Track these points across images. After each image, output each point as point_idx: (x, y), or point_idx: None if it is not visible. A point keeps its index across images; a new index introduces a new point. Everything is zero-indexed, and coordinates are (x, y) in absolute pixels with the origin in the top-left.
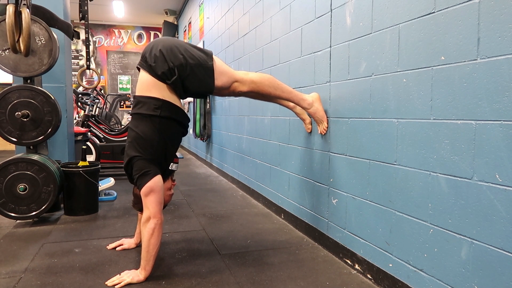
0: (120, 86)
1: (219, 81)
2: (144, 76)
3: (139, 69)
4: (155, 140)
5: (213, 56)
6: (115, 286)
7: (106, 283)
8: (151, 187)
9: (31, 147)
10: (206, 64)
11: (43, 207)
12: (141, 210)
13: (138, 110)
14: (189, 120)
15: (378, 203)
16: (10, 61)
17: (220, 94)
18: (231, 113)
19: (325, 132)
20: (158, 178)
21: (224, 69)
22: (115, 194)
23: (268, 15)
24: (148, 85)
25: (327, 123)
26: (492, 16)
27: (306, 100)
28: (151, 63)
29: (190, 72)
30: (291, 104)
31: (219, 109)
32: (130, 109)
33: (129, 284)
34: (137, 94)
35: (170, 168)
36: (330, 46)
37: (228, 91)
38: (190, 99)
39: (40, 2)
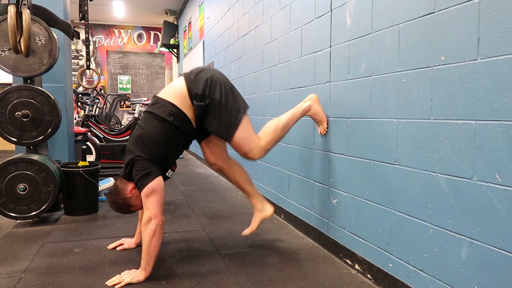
0: (120, 86)
1: (238, 137)
2: (179, 83)
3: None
4: (160, 143)
5: (246, 113)
6: (115, 286)
7: (106, 283)
8: (153, 187)
9: (31, 147)
10: (236, 114)
11: (43, 207)
12: (116, 209)
13: (153, 110)
14: (194, 138)
15: (378, 203)
16: (10, 61)
17: (232, 146)
18: None
19: (325, 132)
20: (160, 179)
21: (248, 133)
22: None
23: (268, 15)
24: (177, 92)
25: (327, 124)
26: (492, 16)
27: (305, 108)
28: (194, 78)
29: (217, 111)
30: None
31: None
32: (130, 109)
33: (129, 284)
34: (159, 95)
35: (167, 174)
36: (330, 46)
37: (240, 152)
38: None
39: (40, 2)
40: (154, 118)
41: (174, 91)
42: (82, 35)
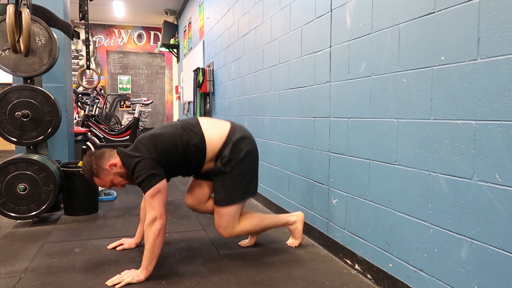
0: (120, 86)
1: (225, 211)
2: (222, 131)
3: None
4: (170, 154)
5: (244, 200)
6: (115, 286)
7: (106, 283)
8: (159, 188)
9: (31, 147)
10: (241, 194)
11: (43, 207)
12: (84, 170)
13: (186, 128)
14: (191, 175)
15: (378, 203)
16: (10, 61)
17: (215, 212)
18: (231, 113)
19: (294, 246)
20: (165, 181)
21: (235, 214)
22: (115, 194)
23: (268, 15)
24: (214, 135)
25: (301, 239)
26: (492, 16)
27: (290, 222)
28: (235, 140)
29: (228, 180)
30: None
31: (219, 109)
32: (130, 109)
33: (129, 284)
34: (201, 122)
35: None
36: (330, 46)
37: (217, 221)
38: (190, 98)
39: (40, 2)
40: (181, 131)
41: (214, 132)
42: (82, 35)
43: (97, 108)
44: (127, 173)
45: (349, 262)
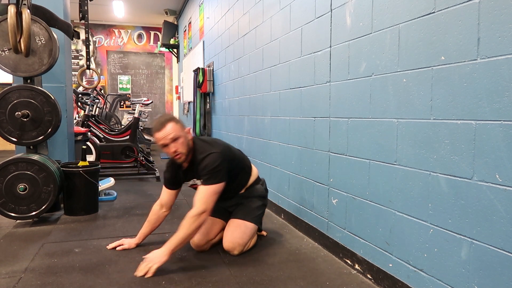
0: (120, 86)
1: (253, 228)
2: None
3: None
4: (235, 162)
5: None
6: (145, 276)
7: (135, 274)
8: (219, 188)
9: (31, 147)
10: (260, 222)
11: (43, 207)
12: (164, 116)
13: (239, 154)
14: (228, 197)
15: (378, 203)
16: (10, 61)
17: (240, 231)
18: (231, 113)
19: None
20: (224, 183)
21: (254, 233)
22: (115, 194)
23: (268, 15)
24: (254, 169)
25: None
26: (492, 16)
27: None
28: (263, 180)
29: (260, 205)
30: None
31: (219, 109)
32: (130, 109)
33: (135, 276)
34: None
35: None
36: (330, 46)
37: (236, 239)
38: (190, 98)
39: (40, 2)
40: (244, 156)
41: (253, 167)
42: (82, 35)
43: (97, 108)
44: (191, 151)
45: (349, 262)
